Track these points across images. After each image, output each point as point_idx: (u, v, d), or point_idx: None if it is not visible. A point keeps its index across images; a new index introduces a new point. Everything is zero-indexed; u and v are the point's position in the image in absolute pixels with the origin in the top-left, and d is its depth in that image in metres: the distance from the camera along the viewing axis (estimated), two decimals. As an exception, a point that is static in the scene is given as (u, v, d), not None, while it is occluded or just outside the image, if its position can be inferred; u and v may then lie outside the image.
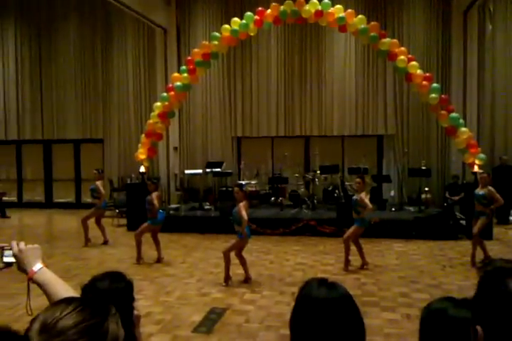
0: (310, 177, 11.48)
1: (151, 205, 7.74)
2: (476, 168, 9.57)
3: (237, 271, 6.73)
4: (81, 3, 14.73)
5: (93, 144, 15.08)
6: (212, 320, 5.17)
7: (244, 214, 6.25)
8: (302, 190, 11.81)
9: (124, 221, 11.31)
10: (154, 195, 7.76)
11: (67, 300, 1.01)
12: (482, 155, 9.84)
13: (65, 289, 1.56)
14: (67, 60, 14.99)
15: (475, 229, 7.36)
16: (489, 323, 0.99)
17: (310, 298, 1.37)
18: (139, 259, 7.79)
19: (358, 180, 7.28)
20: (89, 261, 8.08)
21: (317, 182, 11.51)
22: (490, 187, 7.31)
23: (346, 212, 8.15)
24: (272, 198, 11.99)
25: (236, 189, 6.54)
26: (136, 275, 6.64)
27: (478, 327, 1.00)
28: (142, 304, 5.42)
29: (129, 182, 12.36)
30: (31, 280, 1.57)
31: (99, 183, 9.34)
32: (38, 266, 1.59)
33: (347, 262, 7.26)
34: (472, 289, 1.12)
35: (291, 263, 7.78)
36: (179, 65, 12.79)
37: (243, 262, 6.61)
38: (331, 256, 8.11)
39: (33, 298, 1.65)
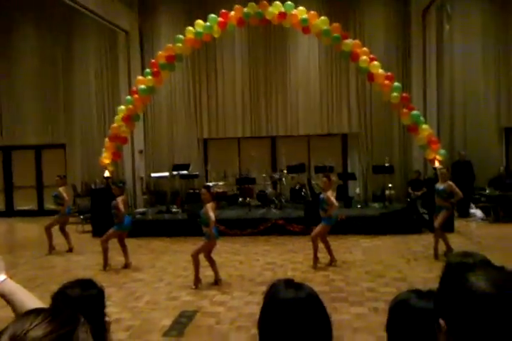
0: (277, 177, 11.57)
1: (116, 210, 7.61)
2: (437, 164, 9.87)
3: (206, 273, 6.71)
4: (40, 5, 14.30)
5: (55, 149, 14.69)
6: (182, 323, 5.14)
7: (211, 215, 6.24)
8: (270, 189, 11.88)
9: (88, 227, 11.07)
10: (120, 199, 7.62)
11: (36, 311, 1.00)
12: (442, 151, 10.16)
13: (30, 299, 1.53)
14: (26, 63, 14.56)
15: (436, 223, 7.60)
16: (451, 317, 1.02)
17: (277, 299, 1.40)
18: (106, 266, 7.64)
19: (324, 179, 7.39)
20: (54, 269, 7.87)
21: (284, 182, 11.61)
22: (450, 182, 7.58)
23: (314, 211, 8.25)
24: (240, 199, 12.01)
25: (203, 190, 6.52)
26: (104, 282, 6.47)
27: (441, 321, 1.04)
28: (111, 310, 5.32)
29: (93, 187, 12.11)
30: (-5, 291, 1.53)
31: (62, 189, 9.11)
32: (1, 278, 1.55)
33: (316, 260, 7.36)
34: (436, 281, 1.16)
35: (260, 263, 7.81)
36: (143, 67, 12.64)
37: (212, 264, 6.59)
38: (299, 255, 8.19)
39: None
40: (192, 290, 6.34)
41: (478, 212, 11.56)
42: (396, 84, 10.31)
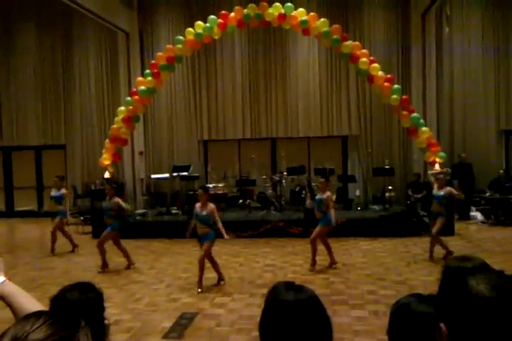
0: (277, 178, 11.56)
1: (116, 211, 7.60)
2: (436, 166, 9.87)
3: (206, 275, 6.71)
4: (40, 7, 14.34)
5: (55, 150, 14.70)
6: (182, 325, 5.14)
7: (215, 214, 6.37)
8: (270, 191, 11.88)
9: (89, 228, 11.07)
10: (117, 199, 7.63)
11: (37, 314, 1.01)
12: (442, 154, 10.17)
13: (30, 301, 1.53)
14: (26, 64, 14.57)
15: (434, 229, 7.60)
16: (452, 321, 1.02)
17: (278, 301, 1.40)
18: (104, 267, 7.63)
19: (321, 180, 7.40)
20: (54, 270, 7.87)
21: (284, 184, 11.61)
22: (448, 188, 7.60)
23: (314, 213, 8.24)
24: (240, 200, 12.00)
25: (200, 191, 6.53)
26: (104, 284, 6.52)
27: (442, 325, 1.04)
28: (111, 312, 5.33)
29: (93, 188, 12.10)
30: (-6, 293, 1.54)
31: (65, 190, 9.24)
32: (0, 279, 1.55)
33: (313, 262, 7.35)
34: (436, 284, 1.16)
35: (260, 265, 7.81)
36: (143, 68, 12.66)
37: (215, 264, 6.62)
38: (299, 257, 8.19)
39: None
40: (192, 292, 6.33)
41: (478, 215, 11.57)
42: (396, 86, 10.33)
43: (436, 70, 12.46)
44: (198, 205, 6.50)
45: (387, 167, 11.81)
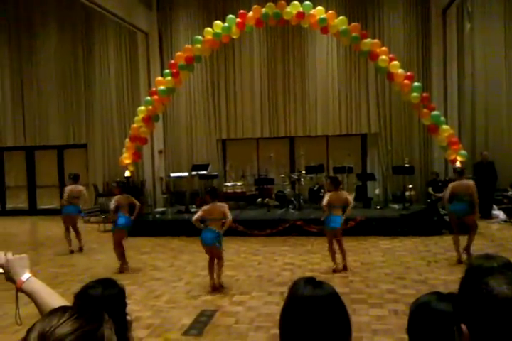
0: (296, 177, 11.54)
1: (128, 208, 7.62)
2: (458, 165, 9.72)
3: (226, 273, 6.75)
4: (61, 8, 14.60)
5: (77, 149, 14.95)
6: (202, 322, 5.18)
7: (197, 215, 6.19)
8: (288, 190, 11.87)
9: (109, 226, 11.22)
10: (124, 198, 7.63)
11: (62, 309, 1.04)
12: (463, 152, 10.01)
13: (54, 297, 1.57)
14: (48, 65, 14.86)
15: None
16: (473, 322, 1.01)
17: (297, 297, 1.41)
18: (123, 267, 7.57)
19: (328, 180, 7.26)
20: (75, 267, 8.01)
21: (303, 183, 11.58)
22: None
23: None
24: (259, 199, 12.02)
25: (207, 197, 6.39)
26: (125, 280, 6.60)
27: (463, 326, 1.03)
28: (131, 308, 5.37)
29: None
30: (20, 289, 1.58)
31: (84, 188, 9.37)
32: (26, 276, 1.59)
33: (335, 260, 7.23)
34: (457, 284, 1.15)
35: (279, 263, 7.81)
36: (162, 68, 12.78)
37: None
38: (318, 255, 8.17)
39: (20, 307, 1.66)
40: (210, 289, 6.37)
41: (500, 214, 11.36)
42: (416, 84, 10.20)
43: (458, 67, 12.26)
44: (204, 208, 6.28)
45: (407, 165, 11.68)
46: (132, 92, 14.17)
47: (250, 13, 10.52)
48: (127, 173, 11.06)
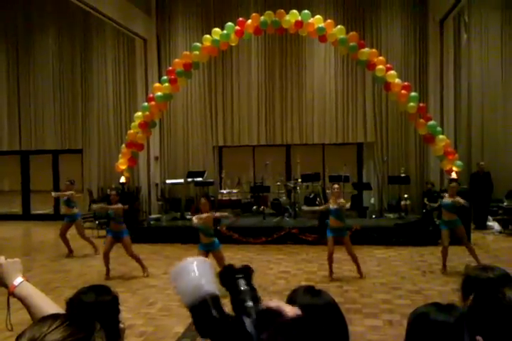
0: (292, 185, 11.54)
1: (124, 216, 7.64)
2: (453, 175, 9.75)
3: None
4: (59, 14, 14.62)
5: (72, 155, 14.89)
6: (195, 330, 5.12)
7: (196, 220, 6.18)
8: (284, 198, 11.86)
9: (104, 232, 11.14)
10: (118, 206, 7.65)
11: (54, 316, 1.03)
12: (459, 162, 10.03)
13: (46, 302, 1.55)
14: (45, 69, 14.85)
15: (464, 239, 7.48)
16: (490, 333, 1.00)
17: (293, 305, 1.39)
18: (145, 271, 7.62)
19: (336, 186, 7.30)
20: (69, 273, 7.94)
21: (299, 191, 11.58)
22: (458, 197, 7.43)
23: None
24: (254, 207, 12.00)
25: (203, 200, 6.40)
26: (118, 288, 6.54)
27: (479, 338, 1.01)
28: (124, 316, 5.32)
29: (108, 193, 12.17)
30: (12, 294, 1.55)
31: (71, 192, 9.35)
32: (18, 280, 1.57)
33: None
34: (452, 294, 1.14)
35: (274, 271, 7.77)
36: (160, 74, 12.80)
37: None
38: (313, 264, 8.14)
39: (12, 313, 1.62)
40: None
41: (495, 225, 11.37)
42: (413, 93, 10.25)
43: (454, 78, 12.33)
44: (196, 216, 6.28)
45: (402, 175, 11.70)
46: (129, 98, 14.16)
47: (249, 21, 10.57)
48: (122, 179, 11.01)
